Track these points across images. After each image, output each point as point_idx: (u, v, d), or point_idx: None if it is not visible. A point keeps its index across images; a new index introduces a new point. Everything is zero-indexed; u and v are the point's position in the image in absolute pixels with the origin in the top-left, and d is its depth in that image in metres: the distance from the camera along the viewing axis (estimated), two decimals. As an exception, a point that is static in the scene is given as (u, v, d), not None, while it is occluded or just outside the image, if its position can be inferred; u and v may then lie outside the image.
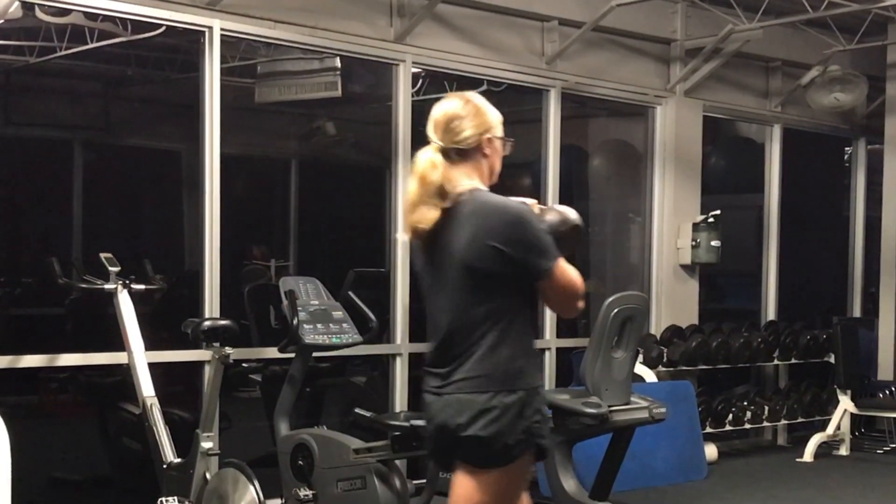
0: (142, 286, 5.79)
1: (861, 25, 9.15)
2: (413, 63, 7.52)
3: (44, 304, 7.78)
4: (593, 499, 6.56)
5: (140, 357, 5.58)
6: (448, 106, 3.65)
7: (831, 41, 9.39)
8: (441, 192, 3.54)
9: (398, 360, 7.46)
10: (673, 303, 9.10)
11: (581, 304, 3.67)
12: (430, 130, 3.64)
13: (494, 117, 3.69)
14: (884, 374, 9.80)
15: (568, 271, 3.58)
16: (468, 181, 3.60)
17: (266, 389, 7.54)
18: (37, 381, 7.54)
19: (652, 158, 9.14)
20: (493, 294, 3.54)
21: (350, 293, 6.44)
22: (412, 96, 7.55)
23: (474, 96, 3.71)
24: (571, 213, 3.83)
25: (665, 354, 8.54)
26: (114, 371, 6.56)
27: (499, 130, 3.69)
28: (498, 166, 3.71)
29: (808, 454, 8.97)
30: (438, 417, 3.59)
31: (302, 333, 5.93)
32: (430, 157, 3.58)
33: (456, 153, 3.60)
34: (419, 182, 3.56)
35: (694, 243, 9.02)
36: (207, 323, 5.56)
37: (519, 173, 9.97)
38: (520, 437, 3.52)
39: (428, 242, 3.61)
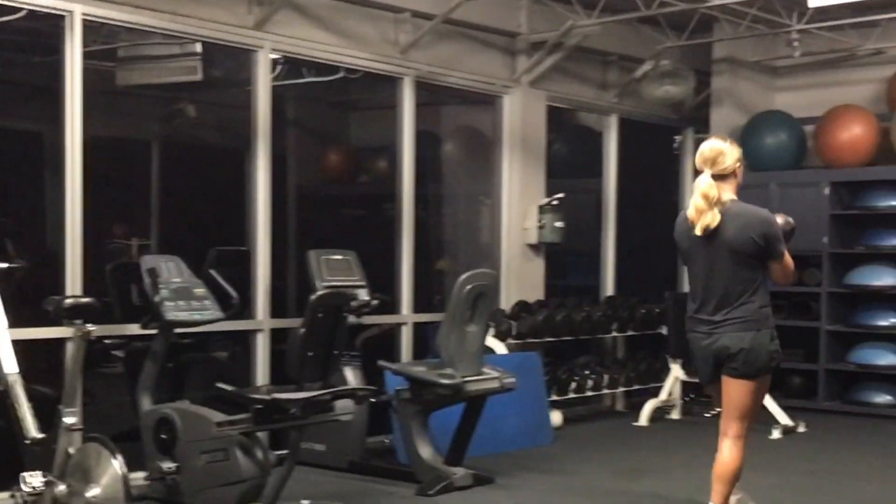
0: (4, 265, 5.57)
1: (689, 23, 9.36)
2: (272, 49, 7.37)
3: None
4: (448, 464, 6.57)
5: (3, 334, 5.34)
6: (715, 149, 5.18)
7: (662, 38, 9.59)
8: (718, 202, 5.12)
9: (259, 335, 7.32)
10: (521, 280, 9.16)
11: (794, 278, 5.36)
12: (700, 163, 5.19)
13: (739, 151, 5.25)
14: (710, 343, 10.04)
15: (789, 256, 5.23)
16: (728, 194, 5.19)
17: (129, 365, 7.30)
18: None
19: (500, 144, 9.16)
20: (748, 267, 5.14)
21: (212, 271, 6.31)
22: (272, 81, 7.40)
23: (728, 140, 5.28)
24: (787, 219, 5.50)
25: (514, 328, 8.59)
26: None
27: (740, 158, 5.24)
28: (741, 180, 5.27)
29: (644, 418, 9.15)
30: (713, 346, 5.17)
31: (163, 310, 5.81)
32: (707, 181, 5.13)
33: (720, 177, 5.16)
34: (703, 197, 5.11)
35: (540, 224, 9.11)
36: (69, 300, 5.36)
37: (375, 157, 9.88)
38: (768, 358, 5.17)
39: (707, 234, 5.13)
